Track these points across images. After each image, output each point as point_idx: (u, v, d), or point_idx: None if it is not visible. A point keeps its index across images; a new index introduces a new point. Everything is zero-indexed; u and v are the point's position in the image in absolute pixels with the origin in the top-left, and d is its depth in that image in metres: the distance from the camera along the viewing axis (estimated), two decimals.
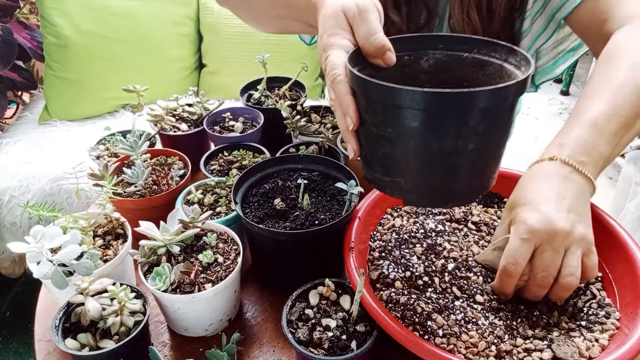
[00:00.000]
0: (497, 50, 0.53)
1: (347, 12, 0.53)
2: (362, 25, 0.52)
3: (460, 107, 0.44)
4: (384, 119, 0.48)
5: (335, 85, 0.50)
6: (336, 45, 0.52)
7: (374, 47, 0.51)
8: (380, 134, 0.49)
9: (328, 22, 0.54)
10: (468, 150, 0.47)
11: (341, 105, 0.50)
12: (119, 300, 0.60)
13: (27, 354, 1.64)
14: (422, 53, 0.56)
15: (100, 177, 0.75)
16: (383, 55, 0.52)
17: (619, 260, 0.63)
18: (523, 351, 0.55)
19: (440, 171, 0.49)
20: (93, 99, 1.84)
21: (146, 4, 1.82)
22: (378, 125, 0.49)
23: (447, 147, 0.47)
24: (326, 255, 0.70)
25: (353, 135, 0.51)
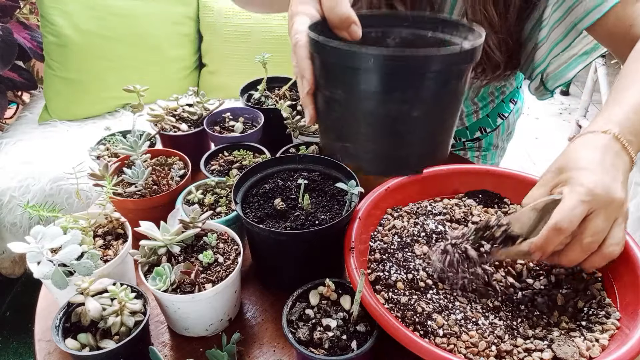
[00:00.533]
0: (459, 29, 0.54)
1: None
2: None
3: (406, 69, 0.44)
4: (335, 80, 0.48)
5: (296, 49, 0.50)
6: (302, 12, 0.52)
7: (338, 17, 0.51)
8: (331, 97, 0.49)
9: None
10: (413, 116, 0.47)
11: (299, 69, 0.51)
12: (119, 300, 0.60)
13: (27, 354, 1.64)
14: (388, 30, 0.57)
15: (101, 177, 0.75)
16: (348, 28, 0.52)
17: (619, 260, 0.63)
18: (523, 351, 0.56)
19: (387, 136, 0.49)
20: (93, 99, 1.84)
21: (146, 3, 1.82)
22: (330, 87, 0.49)
23: (393, 111, 0.47)
24: (326, 255, 0.70)
25: (310, 100, 0.52)
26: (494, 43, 0.82)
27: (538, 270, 0.67)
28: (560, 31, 0.80)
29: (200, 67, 2.02)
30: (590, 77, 2.49)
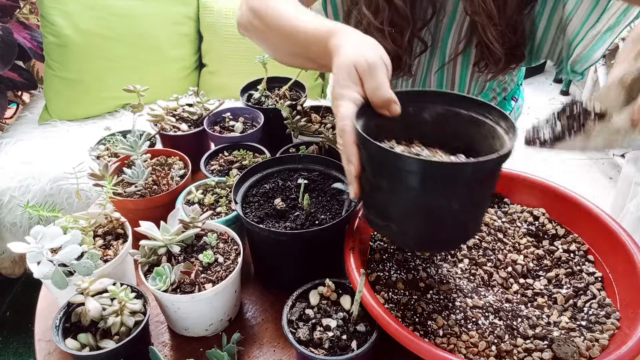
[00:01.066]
0: (491, 113, 0.59)
1: (358, 66, 0.58)
2: (370, 81, 0.57)
3: (449, 174, 0.50)
4: (380, 173, 0.54)
5: (343, 134, 0.55)
6: (346, 97, 0.57)
7: (380, 100, 0.57)
8: (376, 184, 0.55)
9: (340, 74, 0.59)
10: (453, 209, 0.53)
11: (346, 153, 0.56)
12: (119, 300, 0.60)
13: (27, 354, 1.64)
14: (423, 106, 0.62)
15: (101, 177, 0.75)
16: (389, 107, 0.58)
17: (619, 260, 0.63)
18: (523, 351, 0.56)
19: (427, 223, 0.55)
20: (93, 99, 1.84)
21: (146, 3, 1.81)
22: (376, 177, 0.55)
23: (434, 205, 0.53)
24: (326, 255, 0.70)
25: (355, 180, 0.57)
26: (493, 36, 0.82)
27: (538, 271, 0.67)
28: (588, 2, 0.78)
29: (200, 67, 2.02)
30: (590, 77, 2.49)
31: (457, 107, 0.61)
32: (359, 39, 0.63)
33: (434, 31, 0.89)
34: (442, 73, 0.96)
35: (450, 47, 0.90)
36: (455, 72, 0.95)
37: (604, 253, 0.66)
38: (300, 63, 0.78)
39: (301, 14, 0.72)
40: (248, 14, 0.80)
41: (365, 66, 0.57)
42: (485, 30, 0.82)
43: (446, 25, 0.88)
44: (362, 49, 0.59)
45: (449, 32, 0.89)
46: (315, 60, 0.70)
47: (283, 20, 0.73)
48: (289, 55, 0.77)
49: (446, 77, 0.96)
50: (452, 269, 0.66)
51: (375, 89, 0.57)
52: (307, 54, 0.71)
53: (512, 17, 0.80)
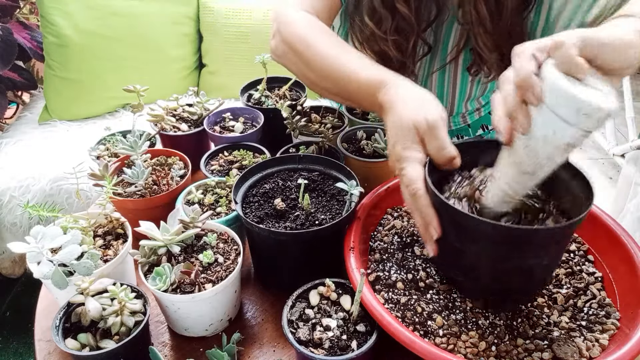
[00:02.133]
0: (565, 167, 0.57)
1: (419, 127, 0.58)
2: (433, 141, 0.57)
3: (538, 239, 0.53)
4: (469, 239, 0.55)
5: (417, 198, 0.56)
6: (411, 159, 0.58)
7: (444, 159, 0.57)
8: (461, 249, 0.57)
9: (400, 134, 0.59)
10: (543, 264, 0.56)
11: (423, 217, 0.56)
12: (119, 300, 0.60)
13: (27, 354, 1.64)
14: (478, 156, 0.62)
15: (101, 177, 0.75)
16: (451, 163, 0.58)
17: (619, 261, 0.63)
18: (523, 351, 0.56)
19: (517, 279, 0.57)
20: (93, 99, 1.84)
21: (146, 3, 1.81)
22: (461, 242, 0.56)
23: (526, 265, 0.55)
24: (326, 255, 0.70)
25: (433, 240, 0.57)
26: (483, 42, 0.80)
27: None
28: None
29: (200, 67, 2.02)
30: None
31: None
32: (413, 93, 0.62)
33: (437, 31, 0.89)
34: (443, 74, 0.96)
35: (450, 48, 0.90)
36: (457, 73, 0.95)
37: (604, 253, 0.66)
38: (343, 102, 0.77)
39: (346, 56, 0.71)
40: (284, 48, 0.77)
41: (425, 127, 0.57)
42: (477, 38, 0.81)
43: (447, 26, 0.88)
44: (420, 106, 0.59)
45: (450, 33, 0.88)
46: (361, 106, 0.71)
47: (327, 63, 0.72)
48: (332, 95, 0.76)
49: (447, 78, 0.96)
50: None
51: (439, 149, 0.57)
52: (352, 99, 0.71)
53: (507, 23, 0.79)
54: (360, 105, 0.72)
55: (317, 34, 0.75)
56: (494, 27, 0.79)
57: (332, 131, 0.93)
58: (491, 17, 0.78)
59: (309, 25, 0.76)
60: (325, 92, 0.76)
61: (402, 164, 0.58)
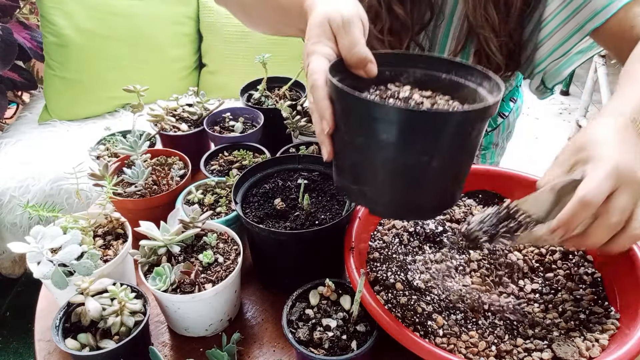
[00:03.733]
0: (473, 74, 0.55)
1: (332, 22, 0.55)
2: (345, 37, 0.54)
3: (429, 126, 0.47)
4: (357, 128, 0.50)
5: (314, 90, 0.52)
6: (318, 52, 0.54)
7: (355, 58, 0.54)
8: (351, 142, 0.51)
9: (314, 30, 0.55)
10: (431, 167, 0.49)
11: (318, 109, 0.52)
12: (119, 300, 0.60)
13: (27, 354, 1.64)
14: (402, 70, 0.59)
15: (101, 177, 0.75)
16: (365, 67, 0.54)
17: (619, 261, 0.63)
18: (523, 351, 0.56)
19: (404, 185, 0.51)
20: (93, 99, 1.84)
21: (146, 3, 1.81)
22: (350, 133, 0.51)
23: (412, 161, 0.49)
24: (326, 255, 0.70)
25: (328, 139, 0.53)
26: (495, 46, 0.81)
27: (538, 271, 0.67)
28: (564, 33, 0.79)
29: (200, 67, 2.02)
30: (590, 77, 2.49)
31: (437, 71, 0.58)
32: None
33: (432, 35, 0.89)
34: None
35: (448, 52, 0.90)
36: None
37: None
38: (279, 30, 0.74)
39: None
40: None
41: (339, 21, 0.54)
42: (487, 42, 0.81)
43: (444, 29, 0.88)
44: (337, 4, 0.56)
45: (447, 36, 0.88)
46: (295, 25, 0.67)
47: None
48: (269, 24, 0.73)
49: None
50: (452, 269, 0.66)
51: (350, 45, 0.53)
52: (285, 19, 0.68)
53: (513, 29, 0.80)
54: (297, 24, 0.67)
55: None
56: (502, 29, 0.79)
57: None
58: (500, 18, 0.78)
59: None
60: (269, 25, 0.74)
61: (309, 59, 0.54)
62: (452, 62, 0.57)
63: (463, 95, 0.56)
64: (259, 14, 0.74)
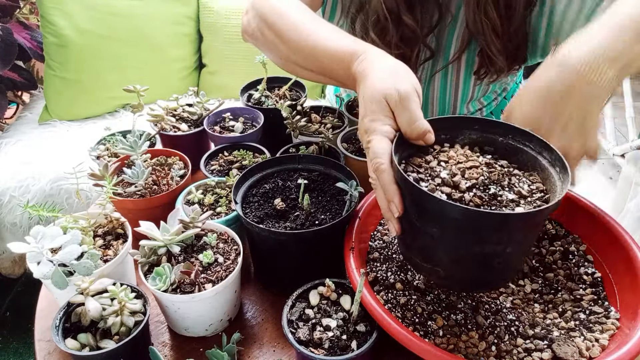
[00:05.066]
0: (532, 141, 0.56)
1: (389, 99, 0.55)
2: (404, 113, 0.54)
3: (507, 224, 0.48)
4: (431, 220, 0.51)
5: (379, 173, 0.53)
6: (378, 131, 0.55)
7: (416, 133, 0.54)
8: (423, 229, 0.53)
9: (370, 106, 0.56)
10: (506, 253, 0.51)
11: (385, 192, 0.53)
12: (119, 300, 0.60)
13: (27, 354, 1.64)
14: (457, 132, 0.60)
15: (101, 177, 0.75)
16: (424, 137, 0.55)
17: (619, 260, 0.63)
18: (523, 351, 0.56)
19: (477, 268, 0.53)
20: (93, 99, 1.84)
21: (146, 3, 1.81)
22: (422, 222, 0.52)
23: (488, 251, 0.51)
24: (326, 255, 0.70)
25: (395, 219, 0.54)
26: (497, 49, 0.79)
27: (538, 271, 0.67)
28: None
29: (200, 67, 2.02)
30: None
31: (493, 134, 0.59)
32: (387, 63, 0.59)
33: (438, 37, 0.89)
34: (445, 77, 0.95)
35: (453, 52, 0.90)
36: (459, 76, 0.94)
37: (603, 253, 0.66)
38: (317, 79, 0.72)
39: (320, 27, 0.68)
40: (257, 22, 0.75)
41: (397, 98, 0.54)
42: (489, 46, 0.80)
43: (449, 30, 0.87)
44: (392, 76, 0.56)
45: (452, 36, 0.88)
46: (336, 79, 0.67)
47: (300, 34, 0.68)
48: (305, 71, 0.72)
49: (450, 81, 0.96)
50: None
51: (410, 121, 0.54)
52: (326, 73, 0.68)
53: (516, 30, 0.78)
54: (334, 78, 0.68)
55: (292, 6, 0.73)
56: (504, 31, 0.78)
57: (332, 131, 0.93)
58: (501, 21, 0.77)
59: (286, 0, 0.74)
60: (299, 67, 0.72)
61: (369, 137, 0.55)
62: (507, 125, 0.58)
63: (522, 161, 0.57)
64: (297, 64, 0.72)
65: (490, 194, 0.51)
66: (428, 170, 0.54)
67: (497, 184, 0.53)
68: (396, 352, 0.58)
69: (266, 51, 0.79)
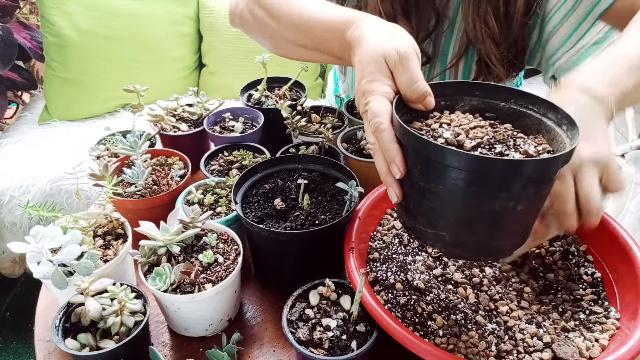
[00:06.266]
0: (536, 103, 0.54)
1: (388, 58, 0.53)
2: (404, 73, 0.52)
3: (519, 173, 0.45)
4: (436, 176, 0.48)
5: (379, 133, 0.50)
6: (377, 91, 0.52)
7: (416, 94, 0.52)
8: (428, 189, 0.49)
9: (368, 67, 0.54)
10: (517, 211, 0.48)
11: (386, 153, 0.50)
12: (119, 300, 0.60)
13: (27, 354, 1.64)
14: (458, 99, 0.57)
15: (100, 177, 0.75)
16: (424, 101, 0.53)
17: (619, 261, 0.63)
18: (523, 351, 0.56)
19: (489, 230, 0.50)
20: (93, 99, 1.84)
21: (146, 3, 1.82)
22: (427, 180, 0.49)
23: (499, 208, 0.47)
24: (326, 256, 0.70)
25: (396, 182, 0.52)
26: (496, 57, 0.79)
27: (538, 272, 0.67)
28: (574, 19, 0.76)
29: (200, 67, 2.02)
30: None
31: (495, 99, 0.56)
32: (384, 27, 0.57)
33: (435, 43, 0.88)
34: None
35: (450, 58, 0.89)
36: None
37: (603, 253, 0.66)
38: (311, 56, 0.70)
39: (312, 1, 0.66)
40: (247, 2, 0.73)
41: (396, 57, 0.52)
42: (489, 54, 0.79)
43: (447, 36, 0.87)
44: (391, 37, 0.54)
45: (449, 42, 0.88)
46: (331, 53, 0.65)
47: (292, 7, 0.67)
48: (298, 48, 0.70)
49: None
50: (452, 271, 0.66)
51: (410, 82, 0.52)
52: (321, 46, 0.65)
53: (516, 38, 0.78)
54: (329, 52, 0.65)
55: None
56: (503, 40, 0.77)
57: (332, 131, 0.93)
58: (501, 30, 0.76)
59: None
60: (291, 45, 0.70)
61: (367, 98, 0.52)
62: (510, 90, 0.55)
63: (526, 125, 0.55)
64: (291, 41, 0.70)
65: (496, 152, 0.48)
66: (430, 132, 0.51)
67: (502, 143, 0.50)
68: (396, 352, 0.58)
69: (256, 33, 0.77)
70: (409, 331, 0.54)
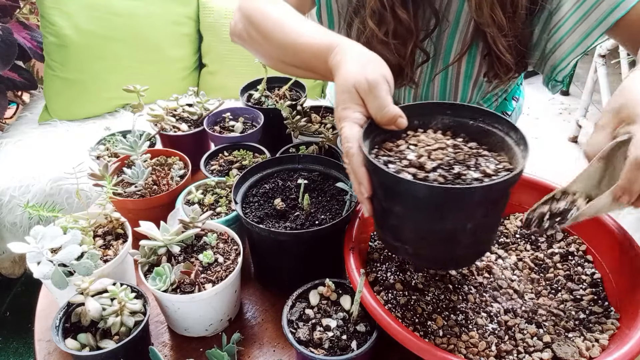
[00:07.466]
0: (500, 123, 0.58)
1: (359, 87, 0.57)
2: (373, 101, 0.57)
3: (465, 200, 0.50)
4: (393, 198, 0.54)
5: (350, 157, 0.55)
6: (349, 118, 0.57)
7: (386, 118, 0.56)
8: (389, 208, 0.55)
9: (342, 96, 0.58)
10: (468, 229, 0.52)
11: (355, 175, 0.55)
12: (119, 300, 0.60)
13: (27, 354, 1.64)
14: (431, 118, 0.62)
15: (101, 177, 0.75)
16: (396, 123, 0.57)
17: (619, 260, 0.63)
18: (523, 351, 0.56)
19: (444, 245, 0.55)
20: (93, 99, 1.84)
21: (146, 3, 1.81)
22: (387, 202, 0.54)
23: (449, 227, 0.52)
24: (326, 255, 0.70)
25: (367, 199, 0.56)
26: (503, 46, 0.80)
27: (538, 272, 0.67)
28: (585, 28, 0.77)
29: (200, 67, 2.02)
30: (590, 77, 2.49)
31: (465, 118, 0.60)
32: (358, 55, 0.61)
33: (437, 41, 0.89)
34: (444, 81, 0.95)
35: (454, 55, 0.90)
36: (459, 80, 0.94)
37: (603, 253, 0.66)
38: (302, 74, 0.75)
39: (302, 25, 0.71)
40: (244, 23, 0.78)
41: (365, 86, 0.57)
42: (495, 42, 0.80)
43: (449, 35, 0.87)
44: (362, 67, 0.59)
45: (452, 42, 0.88)
46: (319, 73, 0.69)
47: (284, 31, 0.71)
48: (288, 67, 0.75)
49: (449, 85, 0.96)
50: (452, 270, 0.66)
51: (379, 107, 0.56)
52: (308, 67, 0.70)
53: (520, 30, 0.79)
54: (318, 73, 0.70)
55: (276, 7, 0.75)
56: (509, 30, 0.78)
57: (332, 131, 0.93)
58: (507, 19, 0.78)
59: (271, 1, 0.77)
60: (285, 65, 0.75)
61: (341, 124, 0.57)
62: (478, 109, 0.60)
63: (491, 142, 0.59)
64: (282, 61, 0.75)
65: (454, 173, 0.52)
66: (397, 154, 0.56)
67: (462, 163, 0.54)
68: (396, 352, 0.59)
69: (253, 51, 0.82)
70: (409, 331, 0.54)
